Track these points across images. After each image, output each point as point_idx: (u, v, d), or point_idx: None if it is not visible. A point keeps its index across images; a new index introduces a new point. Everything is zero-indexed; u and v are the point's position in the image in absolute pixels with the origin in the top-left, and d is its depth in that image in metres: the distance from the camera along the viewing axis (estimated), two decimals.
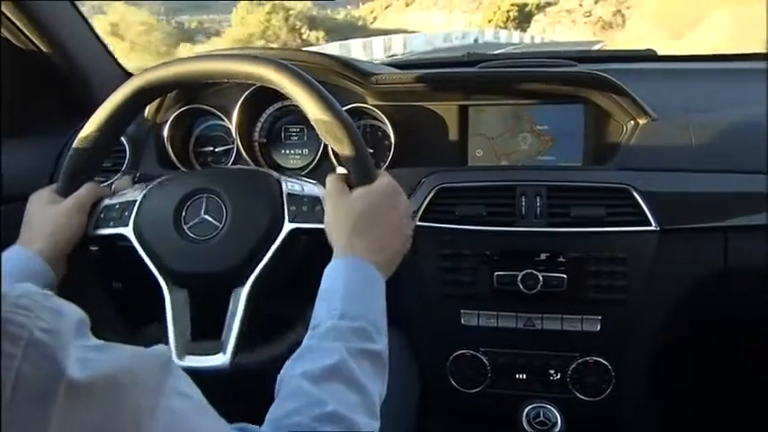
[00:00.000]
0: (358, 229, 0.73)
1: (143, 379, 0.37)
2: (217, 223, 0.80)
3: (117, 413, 0.34)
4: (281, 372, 0.62)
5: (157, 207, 0.83)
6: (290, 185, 0.83)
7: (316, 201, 0.81)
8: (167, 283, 0.79)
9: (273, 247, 0.78)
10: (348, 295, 0.67)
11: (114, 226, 0.83)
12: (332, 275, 0.70)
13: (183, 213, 0.82)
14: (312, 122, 0.78)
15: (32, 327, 0.32)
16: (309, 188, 0.84)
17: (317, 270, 0.72)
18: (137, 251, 0.81)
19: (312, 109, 0.77)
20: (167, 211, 0.81)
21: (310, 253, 0.80)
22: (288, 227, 0.79)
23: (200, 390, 0.44)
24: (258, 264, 0.78)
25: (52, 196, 0.84)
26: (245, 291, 0.77)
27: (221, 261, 0.79)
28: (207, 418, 0.42)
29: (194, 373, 0.45)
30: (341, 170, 0.81)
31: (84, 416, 0.33)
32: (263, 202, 0.81)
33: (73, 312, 0.36)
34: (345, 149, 0.77)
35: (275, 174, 0.87)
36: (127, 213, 0.83)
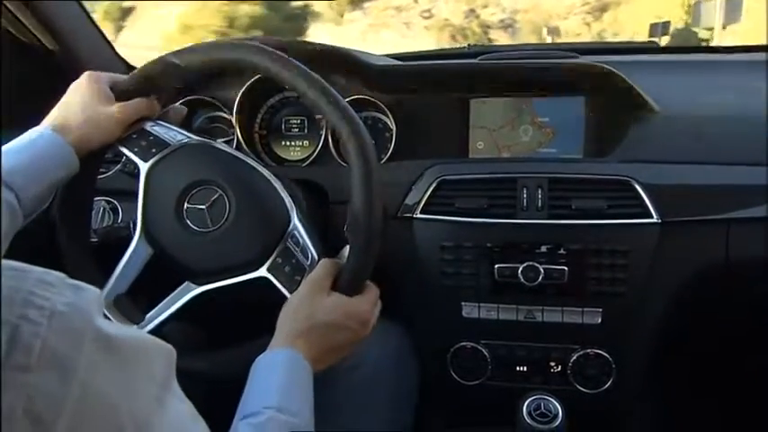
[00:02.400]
0: (309, 335, 0.72)
1: (155, 366, 0.38)
2: (217, 218, 0.81)
3: (134, 383, 0.36)
4: None
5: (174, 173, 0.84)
6: (295, 233, 0.82)
7: (301, 271, 0.80)
8: (140, 235, 0.82)
9: (240, 279, 0.80)
10: (287, 389, 0.67)
11: (136, 154, 0.84)
12: (270, 365, 0.69)
13: (188, 219, 0.82)
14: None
15: (56, 300, 0.33)
16: (307, 250, 0.82)
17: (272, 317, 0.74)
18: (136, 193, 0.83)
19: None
20: (170, 204, 0.82)
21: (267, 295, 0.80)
22: (260, 273, 0.79)
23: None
24: (223, 280, 0.80)
25: (105, 92, 0.83)
26: (195, 292, 0.80)
27: (222, 254, 0.80)
28: (199, 426, 0.43)
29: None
30: (343, 254, 0.80)
31: (106, 376, 0.34)
32: (260, 232, 0.81)
33: (92, 290, 0.37)
34: (352, 255, 0.76)
35: (289, 202, 0.85)
36: (154, 150, 0.84)
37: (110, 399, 0.34)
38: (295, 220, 0.83)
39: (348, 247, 0.77)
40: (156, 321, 0.80)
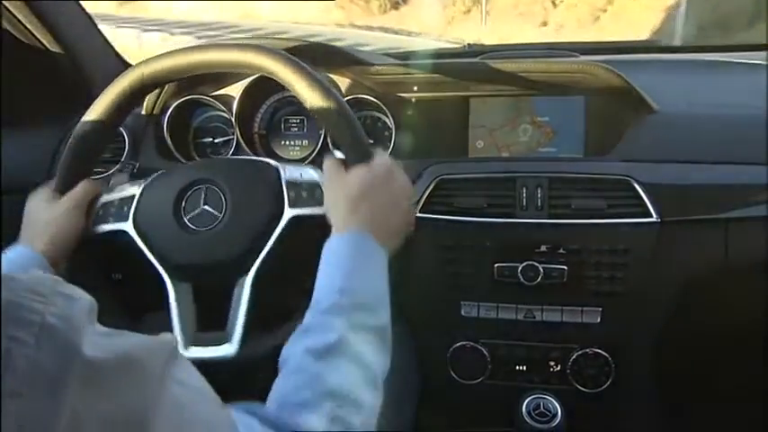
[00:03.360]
0: (355, 206, 0.72)
1: (151, 366, 0.37)
2: (217, 213, 0.80)
3: (126, 398, 0.34)
4: (284, 348, 0.63)
5: (156, 200, 0.83)
6: (289, 172, 0.83)
7: (314, 186, 0.81)
8: (170, 276, 0.79)
9: (275, 235, 0.78)
10: (348, 271, 0.67)
11: (114, 222, 0.83)
12: (331, 251, 0.70)
13: (183, 205, 0.81)
14: (308, 108, 0.78)
15: (45, 312, 0.32)
16: (308, 174, 0.83)
17: (320, 257, 0.73)
18: (138, 245, 0.80)
19: (307, 94, 0.77)
20: (167, 204, 0.81)
21: (313, 239, 0.80)
22: (288, 213, 0.79)
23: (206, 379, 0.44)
24: (260, 252, 0.78)
25: (50, 195, 0.84)
26: (248, 280, 0.77)
27: (223, 251, 0.79)
28: (208, 405, 0.42)
29: (198, 364, 0.45)
30: (338, 154, 0.81)
31: (95, 401, 0.32)
32: (263, 191, 0.80)
33: (84, 298, 0.36)
34: (341, 132, 0.77)
35: (273, 162, 0.86)
36: (126, 209, 0.83)
37: (102, 414, 0.33)
38: (280, 167, 0.83)
39: (336, 152, 0.79)
40: (239, 330, 0.77)
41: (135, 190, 0.84)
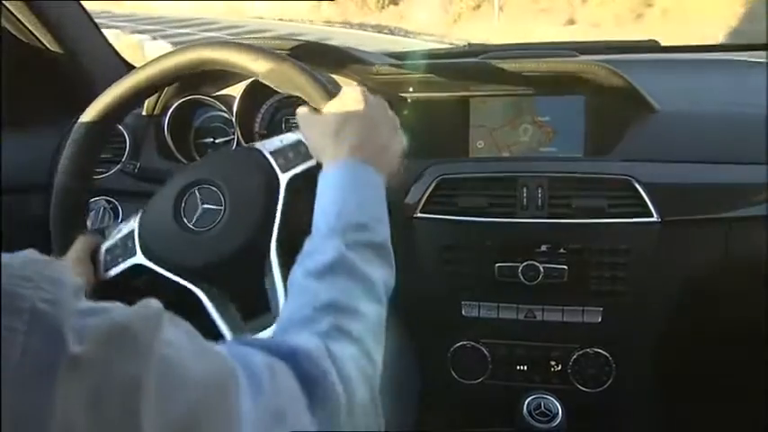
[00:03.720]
0: (337, 137, 0.72)
1: (141, 334, 0.36)
2: (218, 208, 0.80)
3: (118, 370, 0.33)
4: (289, 276, 0.64)
5: (156, 221, 0.82)
6: (269, 144, 0.83)
7: (297, 144, 0.81)
8: (197, 284, 0.79)
9: (280, 205, 0.78)
10: (343, 195, 0.67)
11: (125, 260, 0.82)
12: (324, 182, 0.70)
13: (183, 213, 0.81)
14: (264, 81, 0.78)
15: (35, 298, 0.31)
16: (287, 137, 0.83)
17: None
18: (156, 271, 0.80)
19: (253, 66, 0.78)
20: (167, 220, 0.81)
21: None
22: (284, 178, 0.79)
23: None
24: (272, 227, 0.77)
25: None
26: (273, 257, 0.77)
27: (237, 240, 0.78)
28: (200, 360, 0.41)
29: None
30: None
31: (88, 380, 0.32)
32: (254, 172, 0.80)
33: (71, 280, 0.35)
34: (297, 82, 0.78)
35: (253, 143, 0.86)
36: (131, 243, 0.82)
37: (94, 390, 0.32)
38: (260, 145, 0.83)
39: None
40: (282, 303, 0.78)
41: (132, 225, 0.84)
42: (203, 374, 0.40)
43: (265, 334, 0.75)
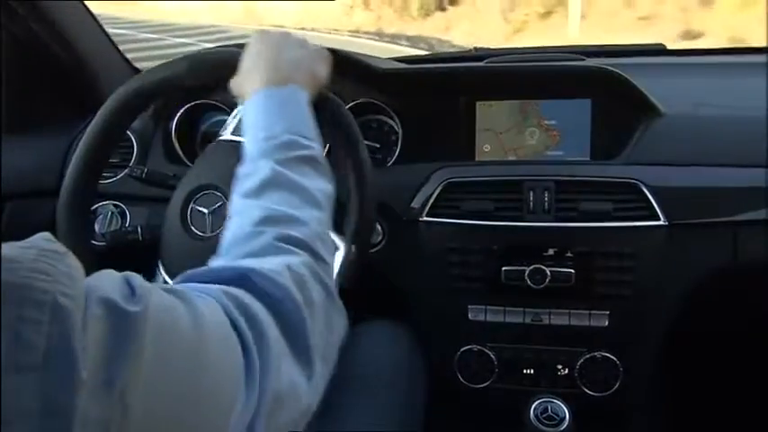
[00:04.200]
0: (249, 74, 0.74)
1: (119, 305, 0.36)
2: (223, 207, 0.81)
3: (101, 341, 0.34)
4: (229, 206, 0.64)
5: (176, 253, 0.84)
6: (229, 127, 0.87)
7: None
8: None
9: None
10: (266, 119, 0.68)
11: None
12: (245, 114, 0.71)
13: (193, 229, 0.82)
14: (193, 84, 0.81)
15: (55, 292, 0.32)
16: (239, 113, 0.86)
17: None
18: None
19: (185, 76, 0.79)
20: (180, 234, 0.82)
21: None
22: None
23: None
24: None
25: None
26: None
27: None
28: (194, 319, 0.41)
29: None
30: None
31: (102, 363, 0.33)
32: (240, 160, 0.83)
33: (81, 273, 0.36)
34: (206, 71, 0.80)
35: (221, 136, 0.89)
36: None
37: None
38: (237, 139, 0.86)
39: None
40: None
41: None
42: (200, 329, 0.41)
43: None
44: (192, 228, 0.82)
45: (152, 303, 0.37)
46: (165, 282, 0.81)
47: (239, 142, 0.80)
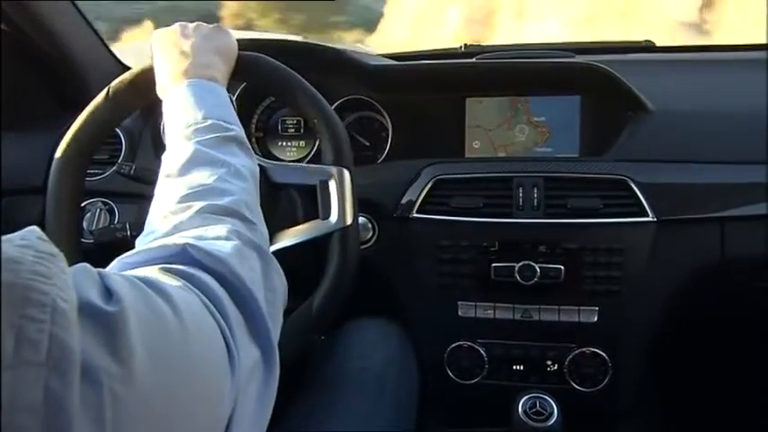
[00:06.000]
0: (160, 73, 0.77)
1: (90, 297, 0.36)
2: None
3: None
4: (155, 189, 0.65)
5: None
6: None
7: None
8: None
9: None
10: (183, 109, 0.70)
11: None
12: (166, 110, 0.73)
13: None
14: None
15: (54, 295, 0.32)
16: None
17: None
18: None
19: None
20: None
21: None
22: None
23: None
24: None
25: None
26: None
27: None
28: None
29: None
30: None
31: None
32: None
33: (70, 275, 0.36)
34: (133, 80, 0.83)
35: None
36: None
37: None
38: None
39: None
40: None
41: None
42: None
43: None
44: None
45: (128, 299, 0.37)
46: None
47: None
